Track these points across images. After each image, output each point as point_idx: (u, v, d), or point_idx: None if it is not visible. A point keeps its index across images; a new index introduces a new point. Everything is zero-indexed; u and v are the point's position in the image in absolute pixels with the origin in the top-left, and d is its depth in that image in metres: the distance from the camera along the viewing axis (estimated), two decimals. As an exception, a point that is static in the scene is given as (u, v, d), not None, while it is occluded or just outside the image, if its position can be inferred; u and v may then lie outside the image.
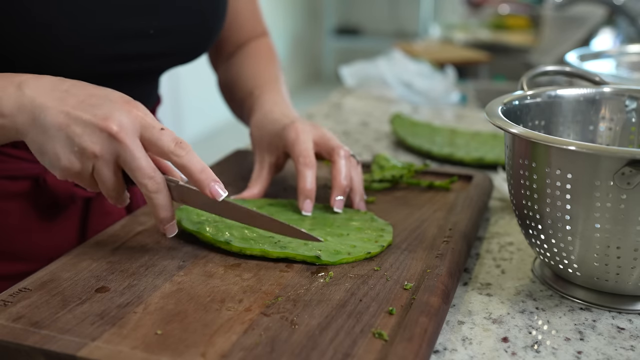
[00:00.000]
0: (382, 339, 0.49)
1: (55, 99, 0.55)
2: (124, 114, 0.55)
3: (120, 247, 0.63)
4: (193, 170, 0.57)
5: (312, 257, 0.60)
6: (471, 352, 0.53)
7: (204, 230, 0.63)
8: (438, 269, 0.59)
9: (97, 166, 0.56)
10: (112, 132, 0.54)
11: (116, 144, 0.55)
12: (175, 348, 0.47)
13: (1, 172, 0.71)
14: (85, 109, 0.55)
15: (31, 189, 0.73)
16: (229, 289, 0.56)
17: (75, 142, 0.54)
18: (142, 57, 0.72)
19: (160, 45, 0.73)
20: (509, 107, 0.64)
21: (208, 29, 0.78)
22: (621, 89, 0.69)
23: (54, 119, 0.54)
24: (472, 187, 0.80)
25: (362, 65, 1.54)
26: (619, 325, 0.57)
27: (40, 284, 0.56)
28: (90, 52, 0.67)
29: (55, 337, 0.48)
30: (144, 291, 0.55)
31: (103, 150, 0.55)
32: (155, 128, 0.56)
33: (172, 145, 0.56)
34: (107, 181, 0.57)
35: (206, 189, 0.57)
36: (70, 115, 0.55)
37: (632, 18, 1.62)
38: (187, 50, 0.77)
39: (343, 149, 0.71)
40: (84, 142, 0.54)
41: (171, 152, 0.56)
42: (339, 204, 0.69)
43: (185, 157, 0.56)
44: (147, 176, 0.56)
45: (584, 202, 0.54)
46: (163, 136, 0.56)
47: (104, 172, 0.56)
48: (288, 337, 0.49)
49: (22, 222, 0.74)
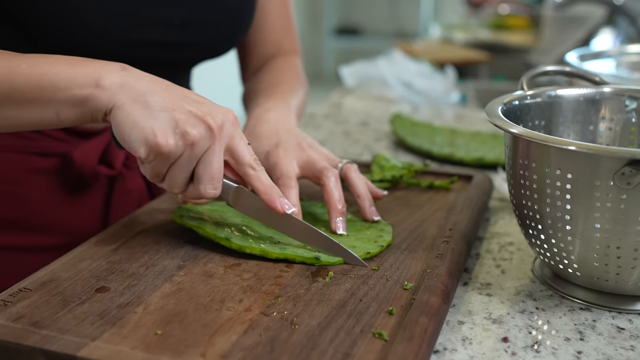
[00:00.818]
0: (382, 339, 0.49)
1: (160, 87, 0.58)
2: (224, 116, 0.58)
3: (121, 247, 0.63)
4: (265, 184, 0.61)
5: (311, 259, 0.60)
6: (471, 352, 0.53)
7: (204, 226, 0.63)
8: (438, 269, 0.59)
9: (185, 154, 0.56)
10: (212, 127, 0.56)
11: (209, 141, 0.57)
12: (175, 348, 0.47)
13: (33, 148, 0.74)
14: (189, 102, 0.58)
15: (59, 166, 0.76)
16: (229, 289, 0.56)
17: (179, 125, 0.56)
18: (167, 46, 0.73)
19: (187, 36, 0.74)
20: (509, 107, 0.64)
21: (234, 25, 0.79)
22: (621, 89, 0.69)
23: (161, 100, 0.56)
24: (472, 187, 0.80)
25: (362, 65, 1.54)
26: (619, 325, 0.57)
27: (40, 284, 0.56)
28: (117, 35, 0.69)
29: (55, 337, 0.48)
30: (144, 291, 0.55)
31: (200, 142, 0.56)
32: (243, 139, 0.60)
33: (252, 159, 0.60)
34: (184, 172, 0.58)
35: (276, 202, 0.60)
36: (177, 102, 0.57)
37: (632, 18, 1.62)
38: (212, 44, 0.79)
39: (330, 170, 0.68)
40: (189, 127, 0.56)
41: (249, 165, 0.60)
42: (340, 225, 0.67)
43: (261, 172, 0.61)
44: (213, 185, 0.58)
45: (584, 202, 0.54)
46: (247, 149, 0.60)
47: (186, 163, 0.57)
48: (288, 337, 0.49)
49: (48, 197, 0.76)
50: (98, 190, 0.80)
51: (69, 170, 0.76)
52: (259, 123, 0.74)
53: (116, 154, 0.78)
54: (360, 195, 0.70)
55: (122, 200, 0.80)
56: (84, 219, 0.79)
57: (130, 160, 0.80)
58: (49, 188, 0.76)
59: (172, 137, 0.55)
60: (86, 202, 0.79)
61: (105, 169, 0.78)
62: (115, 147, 0.76)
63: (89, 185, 0.78)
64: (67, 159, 0.76)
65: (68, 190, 0.77)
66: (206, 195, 0.59)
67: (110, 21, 0.68)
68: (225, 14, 0.77)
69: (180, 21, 0.73)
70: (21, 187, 0.75)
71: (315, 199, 0.75)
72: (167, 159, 0.56)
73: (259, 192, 0.61)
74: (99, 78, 0.56)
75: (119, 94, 0.56)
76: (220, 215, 0.67)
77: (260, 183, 0.61)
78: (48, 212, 0.77)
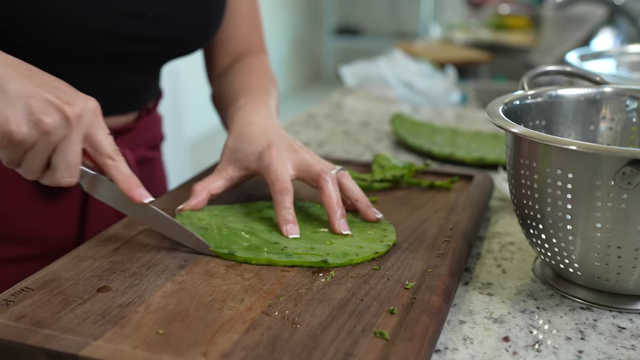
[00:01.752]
0: (383, 338, 0.49)
1: (21, 72, 0.56)
2: (84, 105, 0.57)
3: (122, 246, 0.63)
4: (124, 173, 0.61)
5: (320, 262, 0.60)
6: (472, 351, 0.53)
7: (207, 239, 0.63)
8: (439, 268, 0.59)
9: (39, 143, 0.56)
10: (69, 116, 0.56)
11: (65, 130, 0.56)
12: (177, 347, 0.47)
13: None
14: (49, 90, 0.56)
15: None
16: (231, 289, 0.56)
17: (33, 113, 0.55)
18: (139, 39, 0.73)
19: (158, 30, 0.74)
20: (510, 106, 0.64)
21: (205, 21, 0.79)
22: (622, 88, 0.69)
23: (19, 87, 0.55)
24: (473, 187, 0.80)
25: (363, 65, 1.54)
26: (620, 324, 0.57)
27: (41, 284, 0.56)
28: (87, 26, 0.68)
29: (57, 336, 0.48)
30: (146, 291, 0.55)
31: (55, 130, 0.55)
32: (103, 129, 0.59)
33: (111, 149, 0.60)
34: (38, 159, 0.57)
35: (134, 191, 0.61)
36: (34, 89, 0.55)
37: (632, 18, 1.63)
38: (183, 39, 0.78)
39: (328, 173, 0.68)
40: (43, 115, 0.55)
41: (108, 155, 0.60)
42: (343, 226, 0.66)
43: (120, 162, 0.61)
44: (69, 174, 0.58)
45: (585, 201, 0.54)
46: (107, 139, 0.59)
47: (40, 151, 0.56)
48: (289, 336, 0.49)
49: (23, 206, 0.75)
50: (74, 197, 0.78)
51: None
52: (247, 126, 0.72)
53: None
54: (358, 198, 0.70)
55: (99, 206, 0.78)
56: (61, 227, 0.77)
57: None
58: (23, 197, 0.74)
59: (25, 125, 0.55)
60: (63, 209, 0.77)
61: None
62: None
63: (64, 191, 0.77)
64: None
65: (43, 198, 0.76)
66: (62, 183, 0.58)
67: (81, 11, 0.67)
68: (196, 9, 0.77)
69: (152, 14, 0.72)
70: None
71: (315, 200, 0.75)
72: (20, 146, 0.56)
73: (117, 182, 0.61)
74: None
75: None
76: (222, 221, 0.67)
77: (118, 172, 0.60)
78: (23, 222, 0.75)
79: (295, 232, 0.65)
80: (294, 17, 5.35)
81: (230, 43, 0.89)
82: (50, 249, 0.75)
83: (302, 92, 5.17)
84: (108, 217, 0.77)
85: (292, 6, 5.29)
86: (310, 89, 5.36)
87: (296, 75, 5.37)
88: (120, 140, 0.81)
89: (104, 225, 0.74)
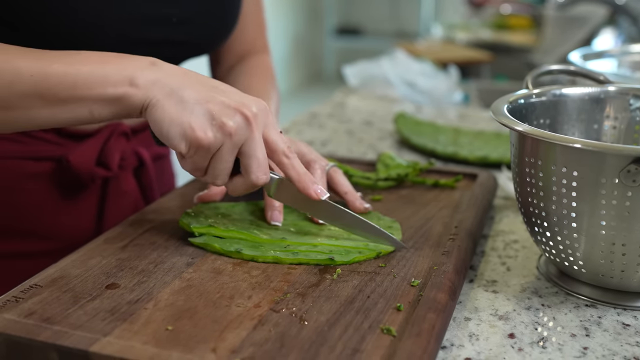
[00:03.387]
0: (390, 334, 0.49)
1: (190, 80, 0.58)
2: (257, 105, 0.58)
3: (129, 244, 0.64)
4: (299, 171, 0.61)
5: (326, 260, 0.60)
6: (478, 347, 0.53)
7: (212, 242, 0.63)
8: (445, 266, 0.60)
9: (225, 145, 0.57)
10: (248, 117, 0.57)
11: (247, 131, 0.57)
12: (186, 344, 0.48)
13: (24, 153, 0.74)
14: (220, 93, 0.58)
15: (52, 170, 0.76)
16: (238, 286, 0.56)
17: (215, 117, 0.56)
18: (165, 43, 0.74)
19: (182, 33, 0.75)
20: (515, 105, 0.65)
21: (224, 22, 0.81)
22: (625, 87, 0.70)
23: (194, 94, 0.57)
24: (477, 186, 0.80)
25: (365, 65, 1.54)
26: (624, 321, 0.57)
27: (50, 281, 0.56)
28: (118, 34, 0.69)
29: (67, 332, 0.49)
30: (154, 288, 0.56)
31: (238, 132, 0.57)
32: (276, 128, 0.61)
33: (285, 147, 0.60)
34: (225, 162, 0.58)
35: (310, 189, 0.61)
36: (209, 94, 0.57)
37: (633, 18, 1.63)
38: (204, 41, 0.80)
39: (317, 162, 0.71)
40: (225, 118, 0.56)
41: (283, 153, 0.60)
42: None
43: (294, 160, 0.61)
44: (262, 171, 0.59)
45: (590, 199, 0.54)
46: (280, 137, 0.60)
47: (227, 154, 0.58)
48: (297, 332, 0.49)
49: (44, 202, 0.76)
50: (93, 192, 0.80)
51: (64, 173, 0.76)
52: None
53: (112, 155, 0.77)
54: (347, 191, 0.72)
55: (116, 201, 0.81)
56: (79, 222, 0.79)
57: (126, 162, 0.80)
58: (43, 193, 0.76)
59: (210, 130, 0.56)
60: (82, 204, 0.79)
61: (102, 170, 0.77)
62: (111, 148, 0.77)
63: (83, 187, 0.78)
64: (62, 162, 0.75)
65: (63, 194, 0.77)
66: (258, 183, 0.59)
67: (110, 19, 0.68)
68: (216, 12, 0.79)
69: (177, 19, 0.74)
70: (15, 194, 0.75)
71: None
72: (207, 152, 0.57)
73: (293, 180, 0.61)
74: (133, 76, 0.57)
75: (154, 91, 0.57)
76: (228, 219, 0.67)
77: (294, 170, 0.61)
78: (43, 217, 0.77)
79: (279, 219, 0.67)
80: (295, 17, 5.35)
81: (236, 43, 0.91)
82: (69, 243, 0.76)
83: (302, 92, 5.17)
84: (124, 215, 0.78)
85: (292, 6, 5.29)
86: (310, 89, 5.36)
87: (296, 75, 5.37)
88: (137, 139, 0.82)
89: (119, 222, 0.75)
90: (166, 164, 0.94)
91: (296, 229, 0.66)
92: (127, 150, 0.80)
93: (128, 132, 0.69)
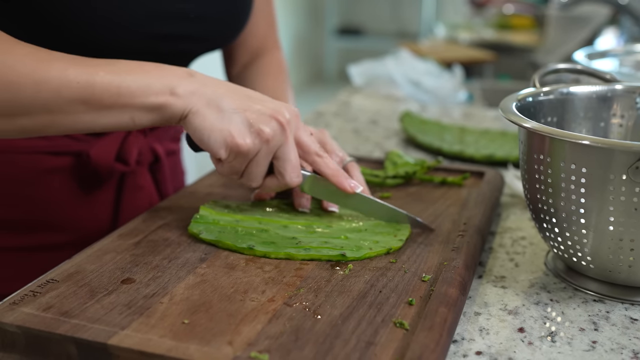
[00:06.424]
0: (403, 328, 0.50)
1: (226, 89, 0.62)
2: (290, 112, 0.62)
3: (142, 240, 0.64)
4: (332, 168, 0.66)
5: (337, 256, 0.61)
6: (488, 341, 0.54)
7: (224, 239, 0.64)
8: (455, 261, 0.60)
9: (262, 151, 0.61)
10: (282, 123, 0.61)
11: (282, 136, 0.61)
12: (203, 337, 0.49)
13: (45, 148, 0.76)
14: (254, 101, 0.62)
15: (72, 164, 0.77)
16: (252, 281, 0.57)
17: (253, 124, 0.60)
18: (182, 38, 0.76)
19: (199, 28, 0.77)
20: (523, 103, 0.66)
21: (238, 18, 0.82)
22: (632, 86, 0.70)
23: (232, 102, 0.60)
24: (484, 184, 0.81)
25: (370, 65, 1.55)
26: (632, 316, 0.58)
27: (66, 276, 0.57)
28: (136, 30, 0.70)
29: (85, 326, 0.49)
30: (169, 282, 0.57)
31: (274, 138, 0.61)
32: (306, 130, 0.65)
33: (317, 147, 0.66)
34: (261, 166, 0.62)
35: (344, 183, 0.66)
36: (244, 102, 0.61)
37: (636, 18, 1.64)
38: (219, 36, 0.81)
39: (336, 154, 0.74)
40: (262, 125, 0.60)
41: (316, 153, 0.65)
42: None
43: (327, 158, 0.66)
44: (296, 173, 0.63)
45: (598, 195, 0.55)
46: (311, 139, 0.65)
47: (263, 158, 0.62)
48: (312, 326, 0.50)
49: (63, 196, 0.78)
50: (110, 187, 0.81)
51: (82, 168, 0.78)
52: None
53: (130, 151, 0.79)
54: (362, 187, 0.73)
55: (132, 195, 0.82)
56: (97, 215, 0.81)
57: (143, 157, 0.82)
58: (62, 187, 0.78)
59: (249, 137, 0.60)
60: (99, 199, 0.81)
61: (121, 165, 0.79)
62: (130, 144, 0.78)
63: (101, 182, 0.80)
64: (82, 157, 0.77)
65: (81, 188, 0.79)
66: (292, 184, 0.64)
67: (130, 16, 0.69)
68: (230, 9, 0.80)
69: (195, 14, 0.75)
70: (34, 188, 0.76)
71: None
72: (245, 157, 0.61)
73: (327, 177, 0.66)
74: (173, 86, 0.60)
75: (193, 101, 0.60)
76: (236, 221, 0.68)
77: (327, 168, 0.66)
78: (62, 210, 0.78)
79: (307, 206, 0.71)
80: (296, 17, 5.36)
81: (249, 40, 0.92)
82: (85, 236, 0.77)
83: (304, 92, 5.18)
84: (139, 209, 0.80)
85: (294, 6, 5.30)
86: (312, 89, 5.37)
87: (298, 75, 5.38)
88: (152, 135, 0.83)
89: (135, 216, 0.76)
90: (177, 160, 0.95)
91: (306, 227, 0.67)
92: (143, 146, 0.81)
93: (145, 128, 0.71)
